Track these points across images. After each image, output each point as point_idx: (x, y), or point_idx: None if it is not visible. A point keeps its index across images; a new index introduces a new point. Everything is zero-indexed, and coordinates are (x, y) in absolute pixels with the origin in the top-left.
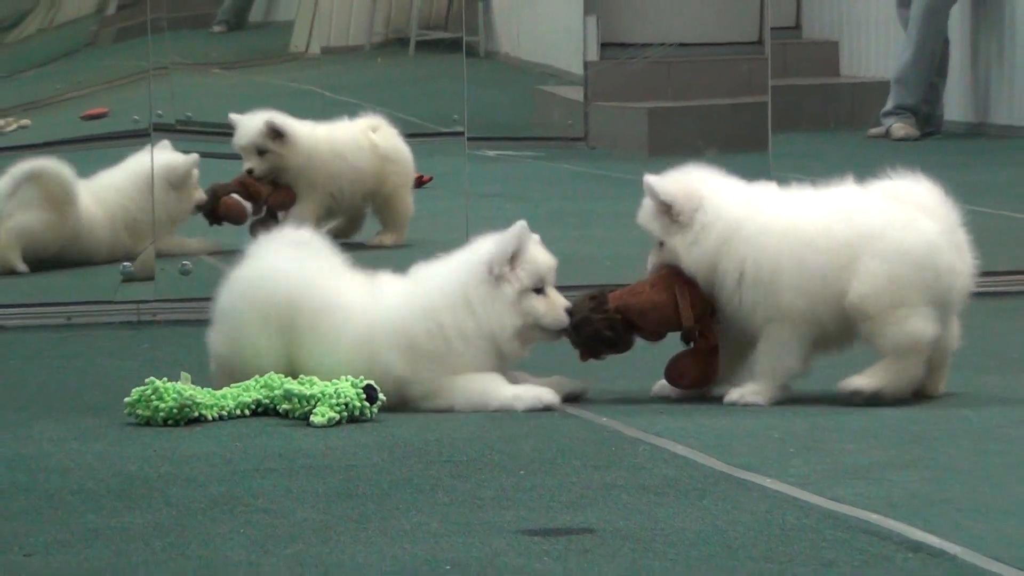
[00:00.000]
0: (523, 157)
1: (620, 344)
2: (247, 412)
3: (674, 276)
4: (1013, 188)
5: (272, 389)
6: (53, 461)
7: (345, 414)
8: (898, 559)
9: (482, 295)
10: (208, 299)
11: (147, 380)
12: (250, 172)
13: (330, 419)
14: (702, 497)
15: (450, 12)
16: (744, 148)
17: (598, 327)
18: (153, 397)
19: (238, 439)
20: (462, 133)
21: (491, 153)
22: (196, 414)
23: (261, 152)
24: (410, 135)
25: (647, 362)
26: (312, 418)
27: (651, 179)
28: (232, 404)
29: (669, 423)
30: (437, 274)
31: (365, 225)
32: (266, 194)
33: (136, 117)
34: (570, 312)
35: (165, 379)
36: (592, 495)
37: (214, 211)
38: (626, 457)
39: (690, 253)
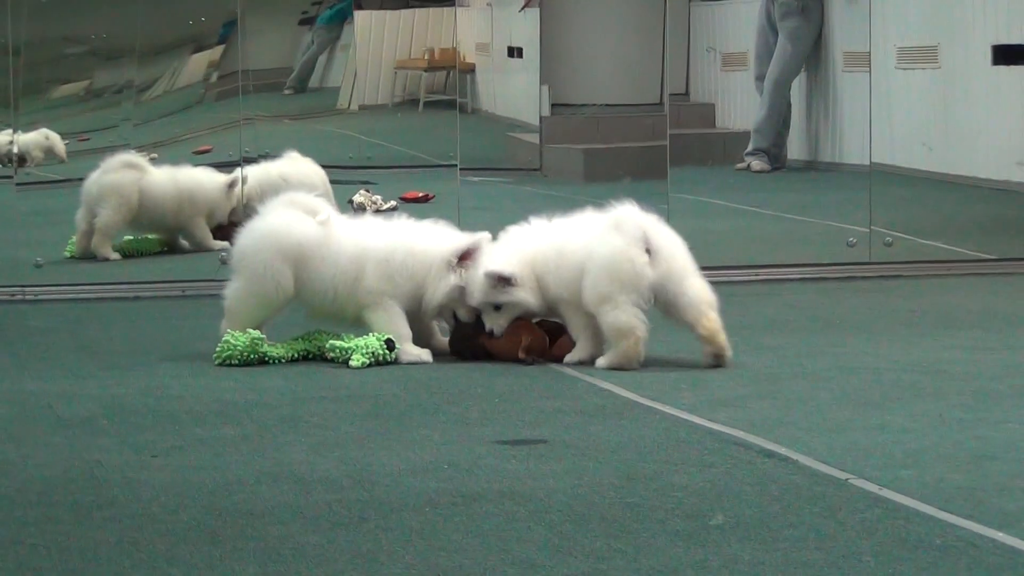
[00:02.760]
0: (498, 182)
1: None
2: (299, 357)
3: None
4: (834, 206)
5: (315, 342)
6: (172, 390)
7: (372, 359)
8: (757, 462)
9: (439, 269)
10: None
11: (227, 331)
12: None
13: (363, 363)
14: (621, 418)
15: (447, 81)
16: (650, 177)
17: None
18: (231, 339)
19: (300, 376)
20: (456, 165)
21: (475, 179)
22: (263, 351)
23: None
24: (419, 166)
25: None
26: (351, 363)
27: (491, 268)
28: (286, 351)
29: (597, 368)
30: (420, 232)
31: None
32: None
33: (230, 152)
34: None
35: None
36: (545, 417)
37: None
38: (568, 390)
39: (535, 297)
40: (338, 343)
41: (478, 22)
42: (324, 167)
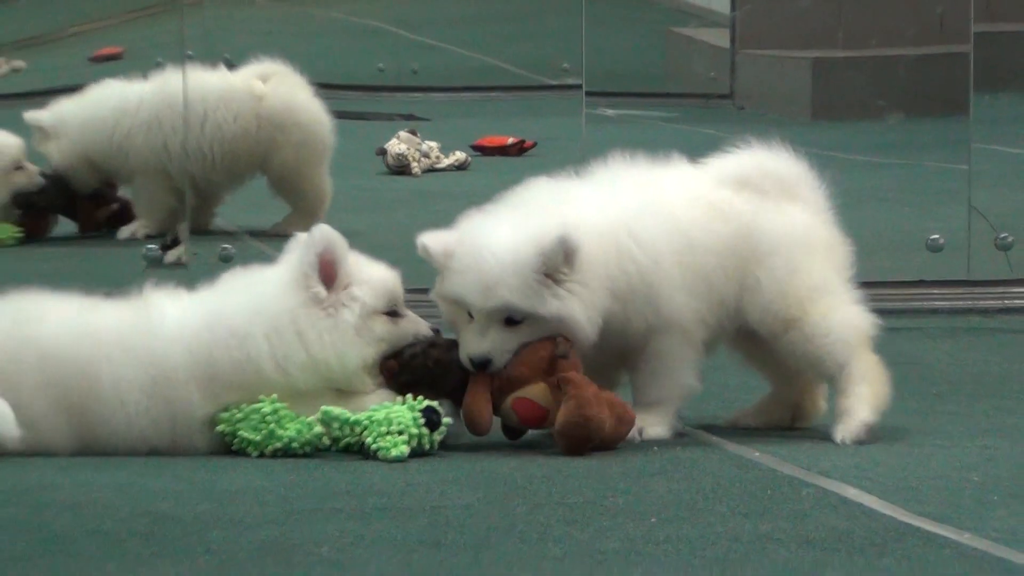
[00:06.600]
0: (651, 118)
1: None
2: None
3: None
4: None
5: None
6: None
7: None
8: None
9: (313, 323)
10: None
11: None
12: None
13: (401, 453)
14: (881, 555)
15: None
16: (937, 112)
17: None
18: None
19: (294, 472)
20: (578, 87)
21: (610, 112)
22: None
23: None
24: (515, 88)
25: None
26: (388, 451)
27: (564, 233)
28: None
29: (837, 460)
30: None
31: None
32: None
33: (159, 59)
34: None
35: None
36: (743, 549)
37: None
38: (784, 502)
39: (589, 308)
40: (336, 412)
41: None
42: None
